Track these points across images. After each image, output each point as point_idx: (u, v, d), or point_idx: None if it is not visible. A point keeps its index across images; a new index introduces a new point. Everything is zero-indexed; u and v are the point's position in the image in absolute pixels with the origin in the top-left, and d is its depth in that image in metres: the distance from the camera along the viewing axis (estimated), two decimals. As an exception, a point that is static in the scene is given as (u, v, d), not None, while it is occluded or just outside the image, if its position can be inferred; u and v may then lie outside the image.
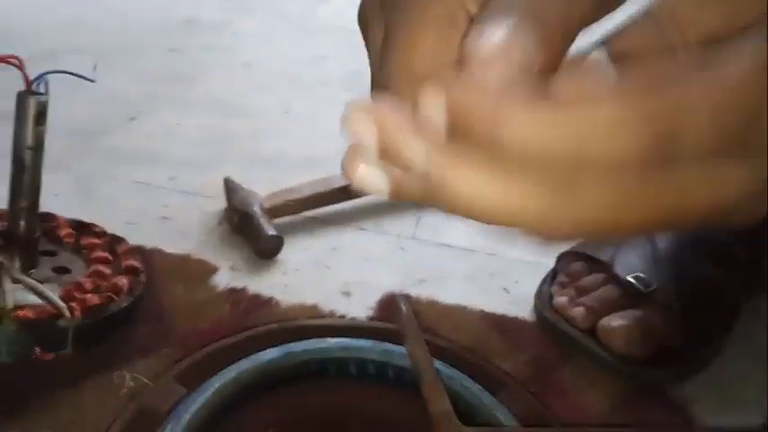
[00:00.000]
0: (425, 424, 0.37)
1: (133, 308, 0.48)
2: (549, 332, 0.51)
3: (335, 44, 1.10)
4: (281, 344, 0.41)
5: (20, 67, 0.43)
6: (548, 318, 0.52)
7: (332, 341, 0.42)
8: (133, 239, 0.55)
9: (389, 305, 0.53)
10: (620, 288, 0.50)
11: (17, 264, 0.47)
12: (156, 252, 0.57)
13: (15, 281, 0.46)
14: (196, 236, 0.61)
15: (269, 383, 0.39)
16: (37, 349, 0.43)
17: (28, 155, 0.46)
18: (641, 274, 0.50)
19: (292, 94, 0.90)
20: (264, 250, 0.59)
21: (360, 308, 0.53)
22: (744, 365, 0.50)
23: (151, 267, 0.54)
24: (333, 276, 0.57)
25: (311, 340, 0.41)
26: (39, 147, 0.46)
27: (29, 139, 0.46)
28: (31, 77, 0.45)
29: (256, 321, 0.50)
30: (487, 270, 0.60)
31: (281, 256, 0.59)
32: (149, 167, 0.71)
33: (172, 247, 0.58)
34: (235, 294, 0.54)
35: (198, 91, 0.89)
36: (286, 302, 0.53)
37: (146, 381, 0.44)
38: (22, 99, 0.45)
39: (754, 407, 0.47)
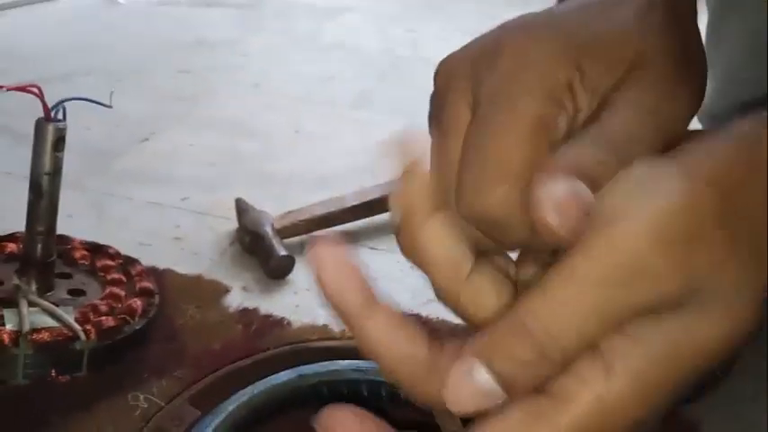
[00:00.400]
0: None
1: (147, 329, 0.49)
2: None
3: (344, 63, 1.11)
4: (292, 367, 0.41)
5: (39, 95, 0.44)
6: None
7: (344, 363, 0.42)
8: (146, 260, 0.56)
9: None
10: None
11: (33, 287, 0.48)
12: (169, 272, 0.58)
13: (32, 304, 0.46)
14: (208, 256, 0.62)
15: (281, 406, 0.40)
16: (52, 371, 0.44)
17: (45, 180, 0.47)
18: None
19: (302, 113, 0.91)
20: (276, 270, 0.59)
21: (371, 328, 0.54)
22: (756, 385, 0.50)
23: (164, 288, 0.55)
24: (343, 296, 0.58)
25: (323, 363, 0.42)
26: (56, 172, 0.47)
27: (47, 165, 0.47)
28: (49, 103, 0.46)
29: (268, 342, 0.50)
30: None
31: (292, 276, 0.59)
32: (161, 188, 0.71)
33: (184, 267, 0.59)
34: (247, 315, 0.54)
35: (208, 111, 0.91)
36: (297, 323, 0.54)
37: (159, 402, 0.44)
38: (40, 126, 0.46)
39: (765, 427, 0.47)
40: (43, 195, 0.47)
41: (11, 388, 0.44)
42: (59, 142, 0.46)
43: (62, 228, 0.54)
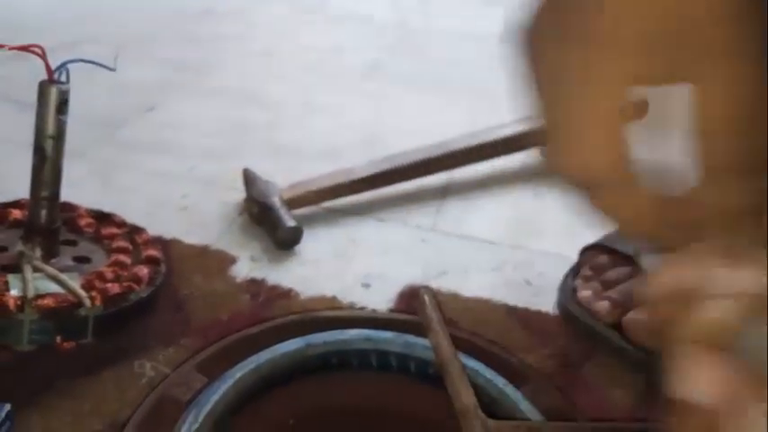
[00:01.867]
0: (449, 418, 0.36)
1: (153, 297, 0.48)
2: (572, 326, 0.50)
3: (353, 33, 1.09)
4: (301, 335, 0.40)
5: (42, 55, 0.43)
6: (571, 311, 0.51)
7: (353, 333, 0.41)
8: (152, 229, 0.55)
9: (410, 297, 0.53)
10: (645, 281, 0.49)
11: (38, 253, 0.47)
12: (176, 242, 0.57)
13: (36, 270, 0.46)
14: (215, 226, 0.61)
15: (289, 375, 0.39)
16: (58, 338, 0.43)
17: (49, 144, 0.46)
18: (668, 268, 0.49)
19: (311, 84, 0.90)
20: (284, 241, 0.58)
21: (379, 300, 0.53)
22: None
23: (170, 258, 0.54)
24: (352, 268, 0.57)
25: (332, 332, 0.41)
26: (60, 136, 0.46)
27: (50, 128, 0.45)
28: (53, 67, 0.44)
29: (275, 313, 0.50)
30: (510, 262, 0.59)
31: (300, 247, 0.58)
32: (168, 158, 0.70)
33: (191, 237, 0.58)
34: (254, 285, 0.53)
35: (215, 81, 0.89)
36: (305, 294, 0.53)
37: (166, 370, 0.44)
38: (43, 88, 0.45)
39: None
40: (47, 159, 0.46)
41: (16, 353, 0.43)
42: (63, 105, 0.45)
43: (66, 196, 0.52)
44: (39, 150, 0.46)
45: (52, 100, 0.45)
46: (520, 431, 0.34)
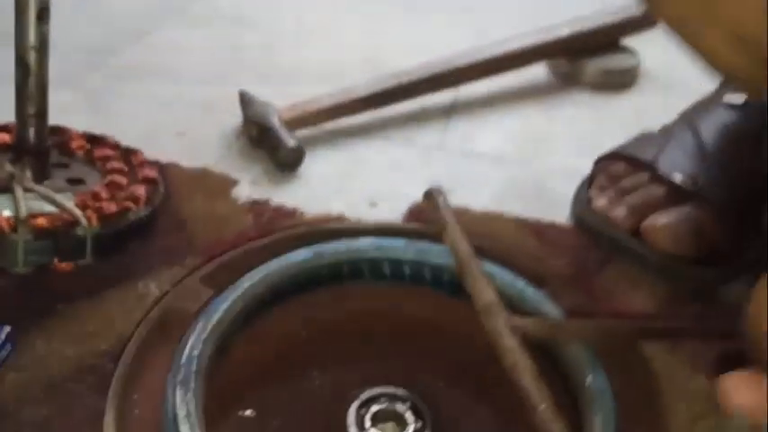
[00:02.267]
0: (464, 324, 0.35)
1: (152, 218, 0.46)
2: (588, 235, 0.49)
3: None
4: (310, 245, 0.38)
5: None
6: (587, 220, 0.49)
7: (363, 241, 0.39)
8: (148, 155, 0.53)
9: (419, 213, 0.51)
10: (664, 187, 0.47)
11: (29, 173, 0.45)
12: (173, 166, 0.55)
13: (28, 190, 0.43)
14: (214, 151, 0.59)
15: (300, 285, 0.37)
16: (56, 259, 0.42)
17: (32, 56, 0.43)
18: (688, 172, 0.47)
19: (305, 4, 0.86)
20: (286, 162, 0.56)
21: (387, 218, 0.51)
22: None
23: (169, 181, 0.52)
24: (358, 187, 0.55)
25: (342, 241, 0.39)
26: (43, 46, 0.43)
27: (32, 38, 0.43)
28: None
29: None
30: (519, 178, 0.57)
31: (302, 169, 0.56)
32: (162, 83, 0.68)
33: (189, 161, 0.56)
34: (258, 206, 0.52)
35: (207, 4, 0.85)
36: (311, 213, 0.51)
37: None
38: (20, -8, 0.41)
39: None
40: (31, 73, 0.43)
41: (13, 276, 0.42)
42: (43, 12, 0.42)
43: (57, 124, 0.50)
44: (21, 64, 0.44)
45: (31, 6, 0.41)
46: (544, 327, 0.33)
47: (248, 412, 0.35)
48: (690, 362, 0.40)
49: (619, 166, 0.50)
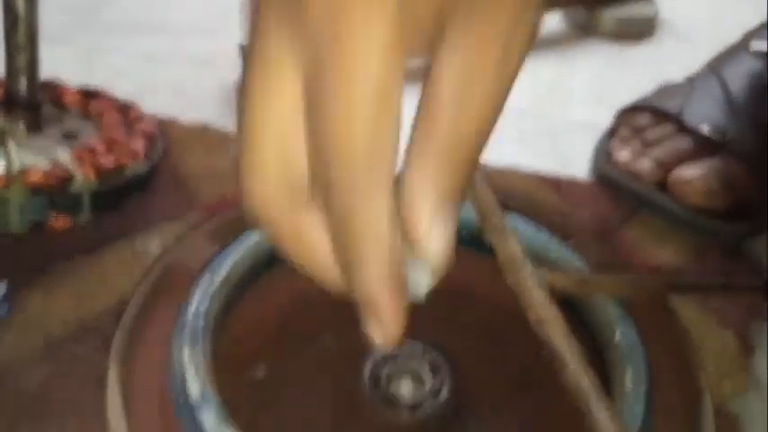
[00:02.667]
0: (485, 281, 0.33)
1: (152, 173, 0.44)
2: (610, 189, 0.47)
3: None
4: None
5: None
6: (609, 173, 0.47)
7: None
8: (146, 111, 0.50)
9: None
10: (691, 139, 0.45)
11: (21, 126, 0.43)
12: (172, 122, 0.52)
13: (20, 144, 0.41)
14: (214, 107, 0.56)
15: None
16: (53, 215, 0.39)
17: (20, 2, 0.40)
18: (716, 123, 0.45)
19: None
20: (290, 117, 0.53)
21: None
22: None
23: (168, 137, 0.49)
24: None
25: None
26: (31, -9, 0.40)
27: (18, -20, 0.40)
28: None
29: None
30: (537, 132, 0.54)
31: (308, 124, 0.54)
32: (157, 38, 0.65)
33: (188, 117, 0.54)
34: (262, 162, 0.49)
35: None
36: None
37: (173, 249, 0.40)
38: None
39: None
40: (19, 20, 0.41)
41: (9, 235, 0.40)
42: (31, -48, 0.39)
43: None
44: (9, 11, 0.41)
45: (17, -55, 0.39)
46: (572, 281, 0.31)
47: (259, 372, 0.33)
48: (718, 318, 0.38)
49: (642, 117, 0.48)
